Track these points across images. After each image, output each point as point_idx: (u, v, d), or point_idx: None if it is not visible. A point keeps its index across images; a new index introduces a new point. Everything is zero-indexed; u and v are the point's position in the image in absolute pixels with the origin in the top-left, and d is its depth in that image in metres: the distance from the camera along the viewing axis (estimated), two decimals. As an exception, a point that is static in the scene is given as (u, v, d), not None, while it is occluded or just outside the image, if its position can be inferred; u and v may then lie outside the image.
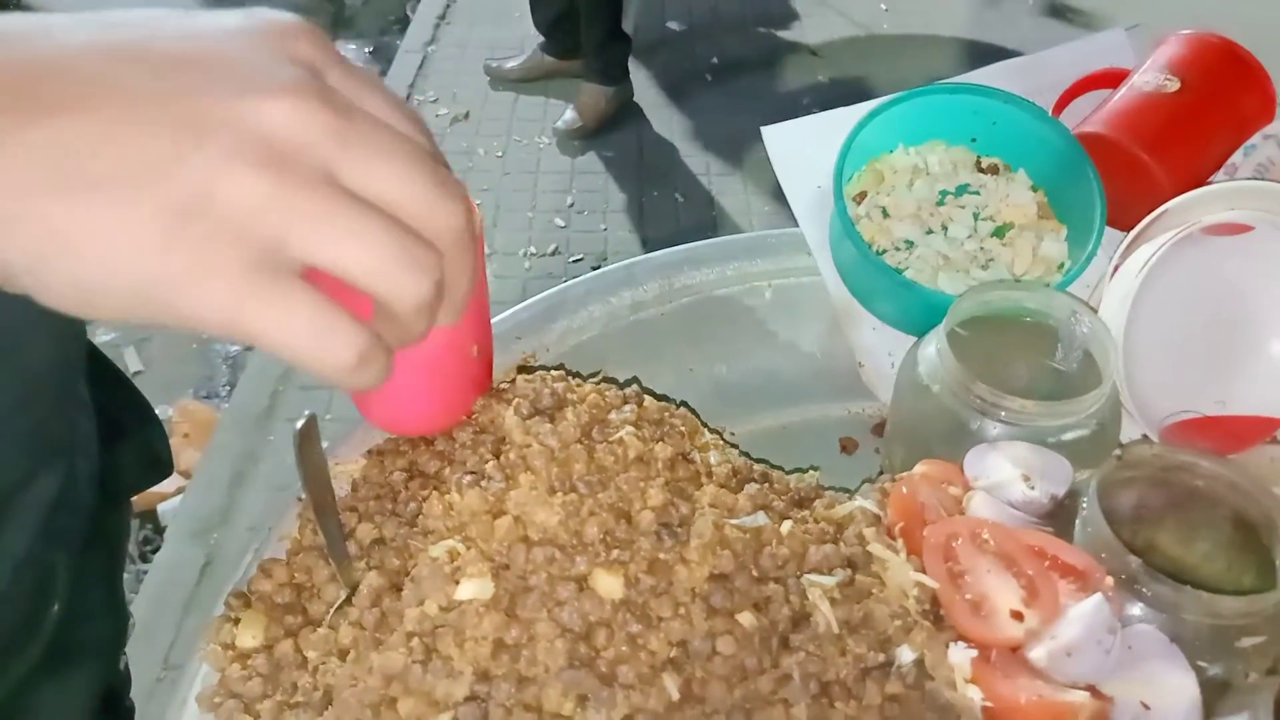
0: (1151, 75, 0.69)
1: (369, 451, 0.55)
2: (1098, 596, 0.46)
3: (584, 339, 0.70)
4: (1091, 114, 0.72)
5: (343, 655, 0.44)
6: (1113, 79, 0.73)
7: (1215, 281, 0.59)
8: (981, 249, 0.74)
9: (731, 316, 0.73)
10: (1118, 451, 0.53)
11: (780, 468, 0.58)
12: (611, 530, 0.43)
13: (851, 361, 0.71)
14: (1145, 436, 0.60)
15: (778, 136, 0.79)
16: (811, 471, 0.57)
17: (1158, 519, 0.52)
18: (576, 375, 0.58)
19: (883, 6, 3.11)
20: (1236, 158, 0.67)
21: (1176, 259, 0.58)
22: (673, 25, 3.05)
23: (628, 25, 2.68)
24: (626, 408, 0.53)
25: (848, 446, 0.67)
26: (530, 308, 0.70)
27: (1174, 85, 0.68)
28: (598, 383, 0.55)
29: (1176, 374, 0.59)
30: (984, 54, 2.79)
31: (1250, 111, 0.67)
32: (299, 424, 0.39)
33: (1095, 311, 0.59)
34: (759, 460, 0.57)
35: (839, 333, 0.73)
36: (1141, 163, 0.66)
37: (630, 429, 0.50)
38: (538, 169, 2.50)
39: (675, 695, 0.42)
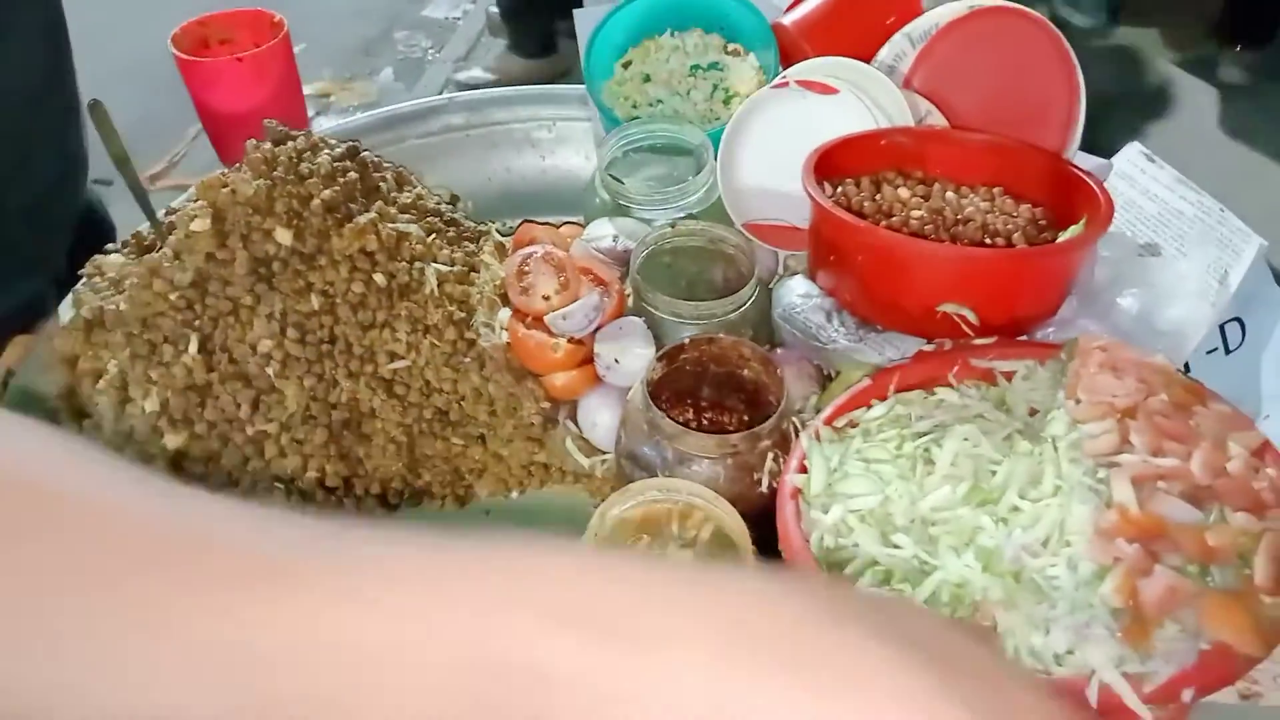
0: (832, -18, 0.92)
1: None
2: (596, 292, 0.72)
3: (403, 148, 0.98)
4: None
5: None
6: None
7: (806, 124, 0.82)
8: (711, 110, 0.98)
9: (519, 144, 1.00)
10: (668, 224, 0.79)
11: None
12: (294, 207, 0.71)
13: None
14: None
15: (585, 17, 1.04)
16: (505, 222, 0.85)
17: (677, 265, 0.78)
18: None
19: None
20: (883, 48, 0.89)
21: (776, 102, 0.82)
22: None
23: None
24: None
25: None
26: (372, 117, 0.99)
27: (840, -10, 0.90)
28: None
29: (765, 189, 0.83)
30: None
31: (894, 15, 0.89)
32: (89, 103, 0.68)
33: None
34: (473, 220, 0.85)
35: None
36: (800, 46, 0.89)
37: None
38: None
39: (316, 306, 0.71)
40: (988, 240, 0.72)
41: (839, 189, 0.76)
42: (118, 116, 0.77)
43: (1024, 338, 0.69)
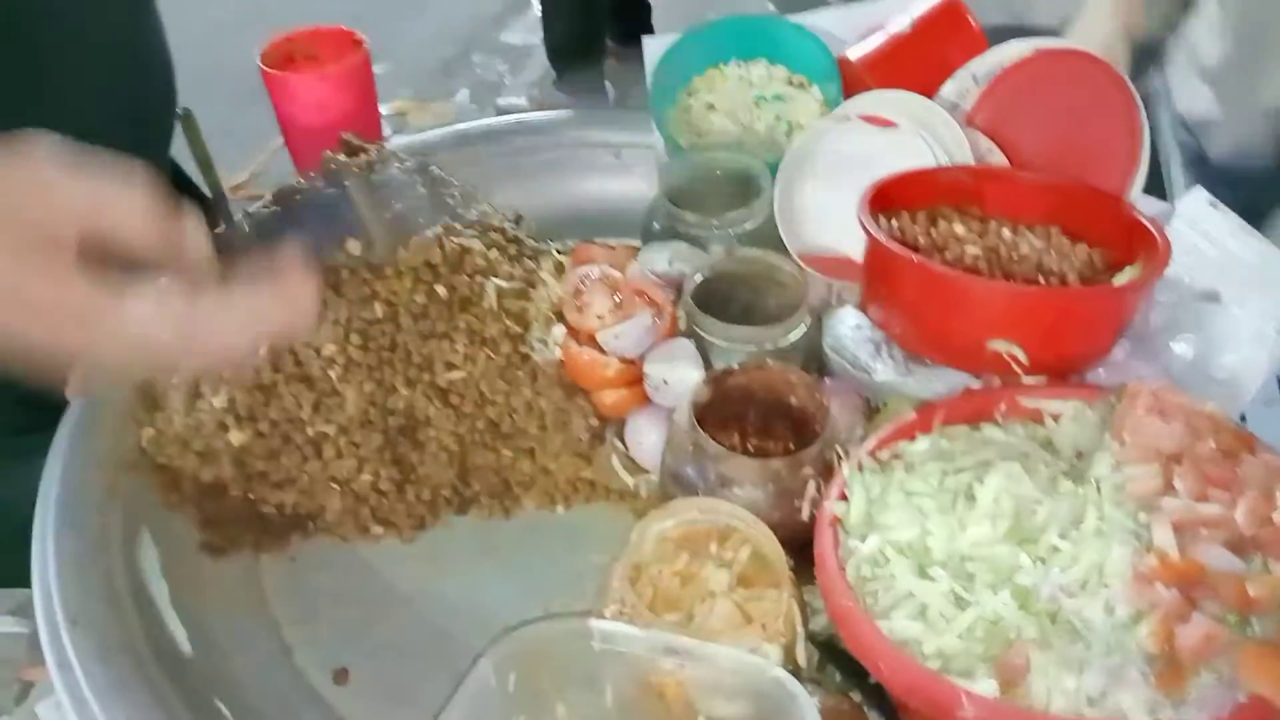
0: (900, 21, 0.93)
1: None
2: (649, 313, 0.73)
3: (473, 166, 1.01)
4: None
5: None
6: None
7: (865, 156, 0.83)
8: (772, 140, 0.99)
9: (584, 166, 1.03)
10: (725, 252, 0.80)
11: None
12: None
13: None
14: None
15: (653, 45, 1.06)
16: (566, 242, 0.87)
17: (730, 291, 0.79)
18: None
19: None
20: (947, 84, 0.90)
21: (836, 133, 0.83)
22: None
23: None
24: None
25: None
26: (444, 134, 1.02)
27: (907, 28, 0.91)
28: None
29: (821, 219, 0.84)
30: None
31: (959, 52, 0.89)
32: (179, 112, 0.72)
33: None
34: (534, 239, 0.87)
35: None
36: (864, 81, 0.90)
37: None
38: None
39: (379, 314, 0.73)
40: (1042, 279, 0.72)
41: (894, 223, 0.77)
42: (203, 125, 0.81)
43: (1074, 378, 0.69)
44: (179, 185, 0.96)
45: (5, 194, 0.41)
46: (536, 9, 2.77)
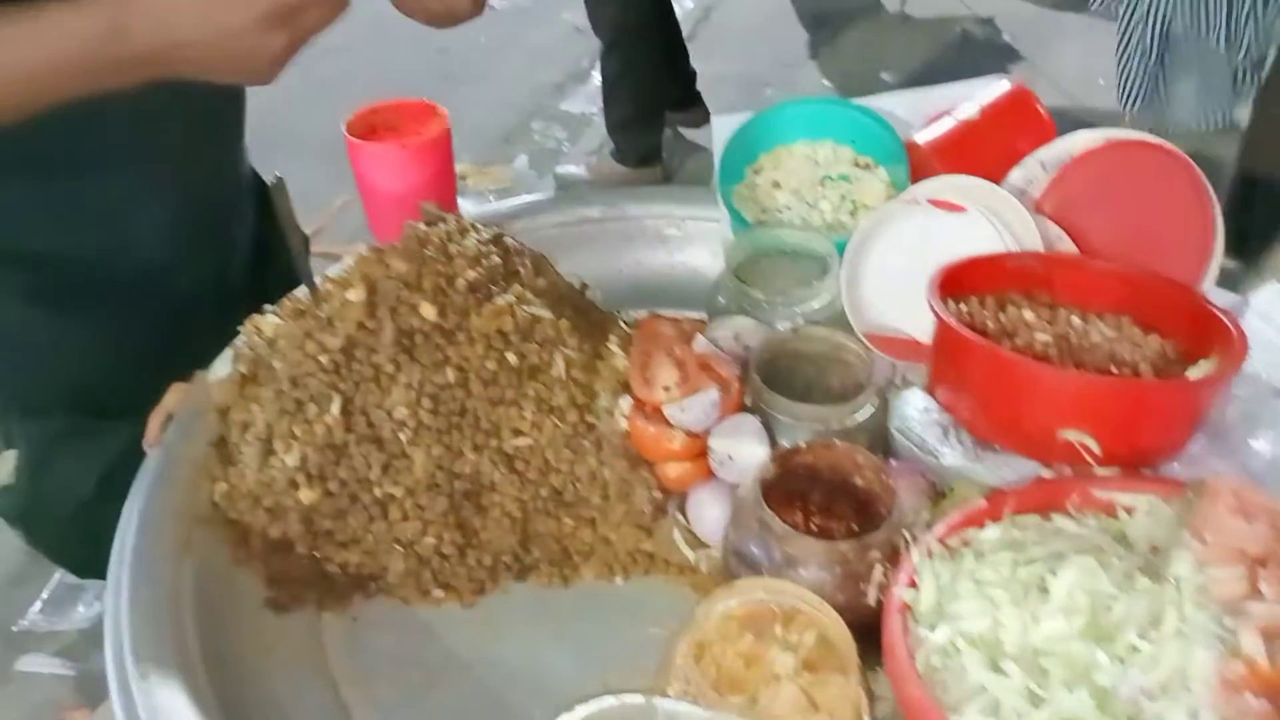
0: (969, 108, 0.94)
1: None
2: (715, 387, 0.74)
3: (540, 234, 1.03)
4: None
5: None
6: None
7: (933, 240, 0.83)
8: (838, 219, 1.00)
9: (650, 239, 1.05)
10: (790, 329, 0.81)
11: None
12: (441, 285, 0.76)
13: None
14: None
15: (722, 124, 1.08)
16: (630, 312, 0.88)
17: (795, 367, 0.79)
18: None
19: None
20: (1014, 171, 0.90)
21: (905, 215, 0.84)
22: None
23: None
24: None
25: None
26: (502, 206, 1.05)
27: (975, 114, 0.93)
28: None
29: (888, 300, 0.84)
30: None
31: (1027, 139, 0.90)
32: (271, 180, 0.75)
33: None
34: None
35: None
36: (932, 165, 0.91)
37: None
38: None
39: (451, 379, 0.75)
40: (1113, 369, 0.71)
41: (963, 307, 0.77)
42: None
43: (1148, 471, 0.68)
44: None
45: None
46: (596, 79, 2.84)
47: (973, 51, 3.46)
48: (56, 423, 0.95)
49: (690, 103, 2.84)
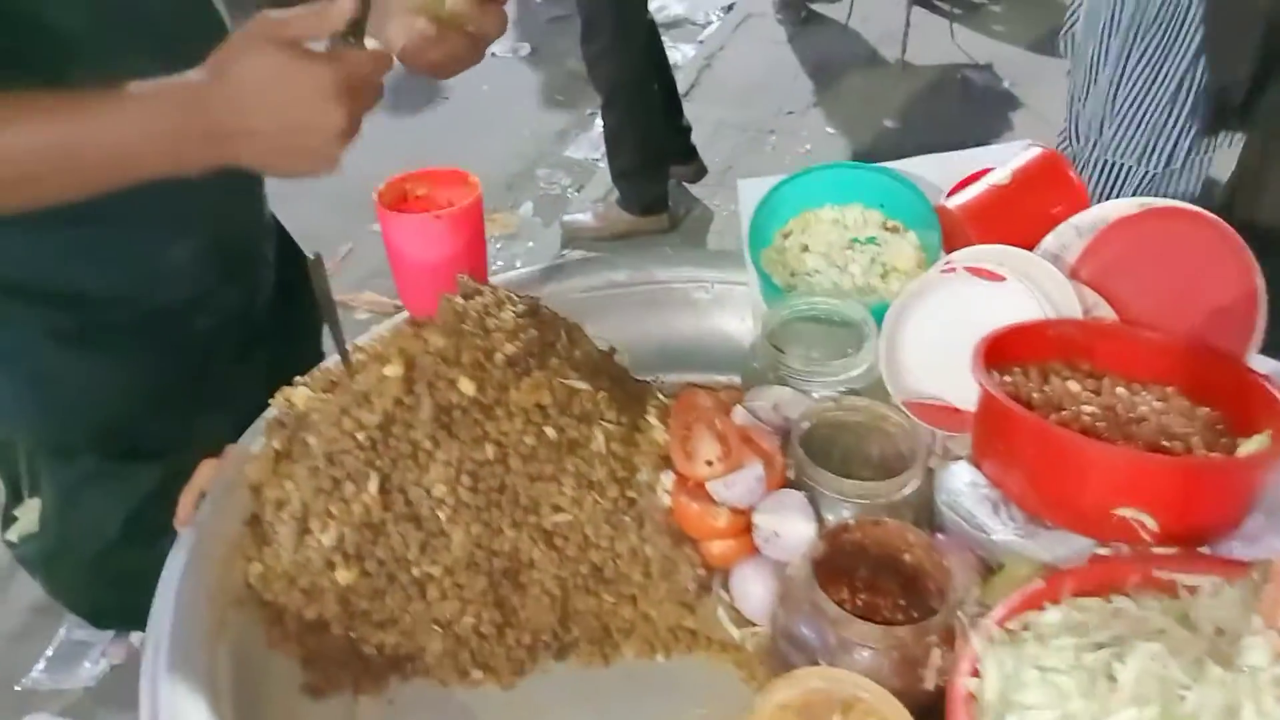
0: (999, 173, 0.94)
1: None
2: (759, 462, 0.73)
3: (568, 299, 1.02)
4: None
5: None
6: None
7: (971, 309, 0.83)
8: (867, 283, 1.00)
9: (679, 302, 1.04)
10: (830, 399, 0.80)
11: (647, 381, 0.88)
12: (479, 360, 0.75)
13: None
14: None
15: (749, 188, 1.08)
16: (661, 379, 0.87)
17: (834, 436, 0.78)
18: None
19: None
20: (1048, 237, 0.90)
21: (944, 284, 0.83)
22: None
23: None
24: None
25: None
26: (529, 271, 1.04)
27: (1006, 179, 0.93)
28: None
29: (927, 368, 0.84)
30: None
31: (1060, 205, 0.90)
32: (310, 257, 0.74)
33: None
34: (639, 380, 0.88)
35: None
36: (963, 230, 0.91)
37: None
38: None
39: (490, 455, 0.73)
40: (1165, 442, 0.70)
41: (1006, 378, 0.76)
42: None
43: (1205, 549, 0.67)
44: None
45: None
46: (599, 126, 2.86)
47: (973, 97, 3.49)
48: (84, 464, 0.96)
49: (687, 157, 2.87)
